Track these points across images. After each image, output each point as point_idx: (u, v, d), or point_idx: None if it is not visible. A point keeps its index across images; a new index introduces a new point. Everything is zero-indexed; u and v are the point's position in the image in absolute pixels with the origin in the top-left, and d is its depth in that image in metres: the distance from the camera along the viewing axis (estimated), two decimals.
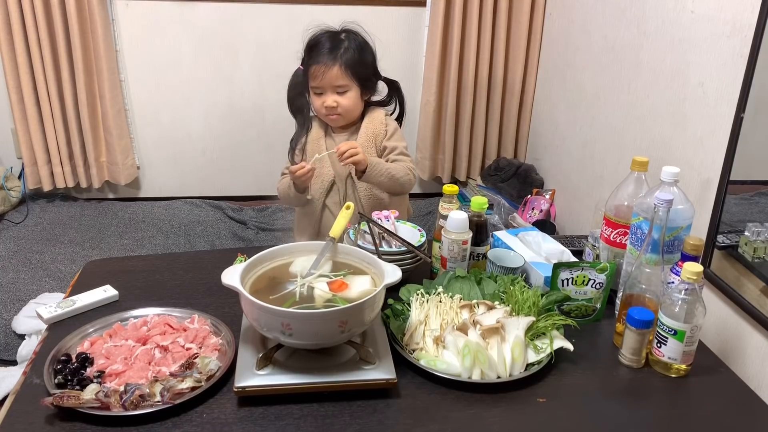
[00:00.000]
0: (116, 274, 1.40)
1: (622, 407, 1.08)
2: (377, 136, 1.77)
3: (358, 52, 1.70)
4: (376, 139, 1.77)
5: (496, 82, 2.94)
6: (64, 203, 2.92)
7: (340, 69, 1.66)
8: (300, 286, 1.12)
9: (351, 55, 1.68)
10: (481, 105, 2.98)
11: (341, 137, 1.79)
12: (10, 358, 2.02)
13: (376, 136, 1.77)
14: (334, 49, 1.68)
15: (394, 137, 1.79)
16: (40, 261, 2.41)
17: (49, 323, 1.22)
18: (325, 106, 1.71)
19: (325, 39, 1.70)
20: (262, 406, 1.02)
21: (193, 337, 1.13)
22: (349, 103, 1.71)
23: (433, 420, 1.01)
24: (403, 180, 1.72)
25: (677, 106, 1.73)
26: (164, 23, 2.79)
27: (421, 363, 1.10)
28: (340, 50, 1.68)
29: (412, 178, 1.76)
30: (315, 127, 1.80)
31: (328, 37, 1.71)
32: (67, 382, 1.02)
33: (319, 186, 1.78)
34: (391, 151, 1.77)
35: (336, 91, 1.69)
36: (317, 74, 1.68)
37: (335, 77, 1.67)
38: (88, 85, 2.72)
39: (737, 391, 1.14)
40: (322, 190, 1.78)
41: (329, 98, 1.70)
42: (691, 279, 1.09)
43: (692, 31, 1.66)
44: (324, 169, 1.77)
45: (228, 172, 3.10)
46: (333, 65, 1.66)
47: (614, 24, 2.16)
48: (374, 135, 1.77)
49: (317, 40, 1.71)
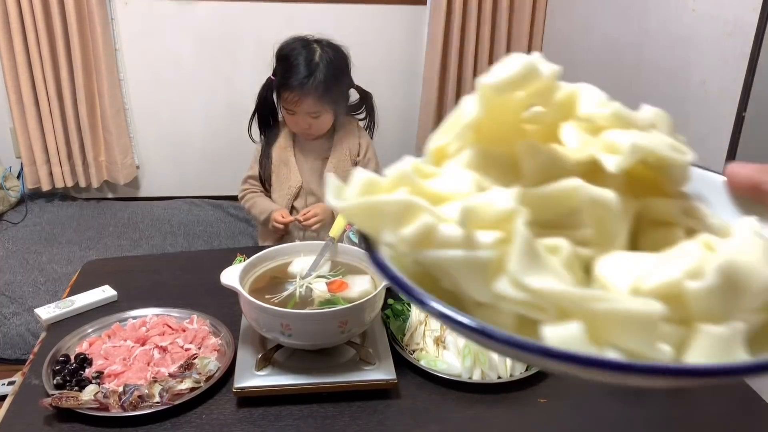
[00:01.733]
0: (115, 274, 1.39)
1: (624, 407, 1.07)
2: (352, 150, 1.77)
3: (333, 75, 1.62)
4: (351, 153, 1.77)
5: None
6: (62, 203, 2.91)
7: (314, 98, 1.60)
8: (299, 287, 1.12)
9: (325, 82, 1.60)
10: None
11: (310, 146, 1.78)
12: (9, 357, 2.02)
13: (350, 150, 1.77)
14: (308, 76, 1.59)
15: (366, 159, 1.79)
16: (38, 261, 2.41)
17: (48, 323, 1.21)
18: (299, 127, 1.69)
19: (299, 60, 1.61)
20: (262, 407, 1.01)
21: (192, 337, 1.13)
22: (322, 124, 1.69)
23: (434, 421, 1.01)
24: None
25: (678, 105, 1.72)
26: (164, 22, 2.78)
27: (421, 363, 1.10)
28: (313, 76, 1.59)
29: None
30: (283, 135, 1.78)
31: (302, 58, 1.61)
32: (65, 383, 1.01)
33: (286, 192, 1.77)
34: None
35: (309, 116, 1.65)
36: (290, 100, 1.62)
37: (309, 106, 1.62)
38: (87, 84, 2.72)
39: (740, 392, 1.13)
40: (289, 195, 1.77)
41: (302, 121, 1.66)
42: None
43: (693, 29, 1.66)
44: (291, 175, 1.76)
45: (228, 171, 3.09)
46: (307, 96, 1.60)
47: (615, 22, 2.16)
48: (349, 149, 1.76)
49: (290, 57, 1.64)
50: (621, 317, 0.26)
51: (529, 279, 0.27)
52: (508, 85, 0.33)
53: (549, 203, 0.30)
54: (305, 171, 1.77)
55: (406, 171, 0.32)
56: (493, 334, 0.26)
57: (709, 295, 0.26)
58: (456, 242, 0.28)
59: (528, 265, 0.27)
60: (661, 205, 0.33)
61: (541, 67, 0.33)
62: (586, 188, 0.30)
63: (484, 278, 0.28)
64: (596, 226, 0.30)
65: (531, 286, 0.26)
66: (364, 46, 2.84)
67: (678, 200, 0.33)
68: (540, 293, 0.26)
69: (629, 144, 0.30)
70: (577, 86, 0.35)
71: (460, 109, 0.35)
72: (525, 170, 0.32)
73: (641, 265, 0.29)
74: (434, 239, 0.28)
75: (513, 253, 0.27)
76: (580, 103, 0.33)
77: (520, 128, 0.34)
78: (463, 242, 0.28)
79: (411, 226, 0.28)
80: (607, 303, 0.26)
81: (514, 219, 0.28)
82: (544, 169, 0.32)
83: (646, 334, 0.26)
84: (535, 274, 0.27)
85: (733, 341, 0.26)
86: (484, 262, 0.27)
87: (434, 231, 0.28)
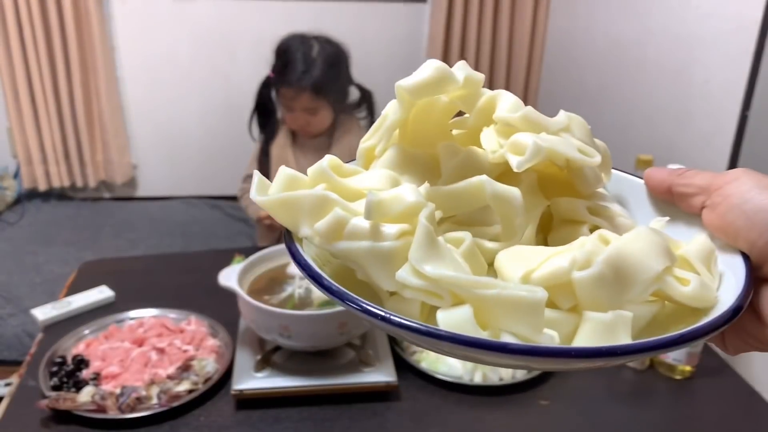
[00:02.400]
0: (112, 274, 1.39)
1: (626, 410, 1.06)
2: (352, 149, 1.75)
3: (330, 71, 1.62)
4: (351, 152, 1.75)
5: (498, 78, 2.93)
6: (59, 203, 2.90)
7: (311, 94, 1.60)
8: (298, 287, 1.11)
9: (322, 78, 1.60)
10: None
11: (310, 144, 1.77)
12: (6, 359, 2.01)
13: (351, 149, 1.75)
14: (305, 72, 1.59)
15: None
16: (35, 262, 2.39)
17: (44, 324, 1.20)
18: (297, 124, 1.69)
19: (297, 56, 1.61)
20: (260, 410, 1.00)
21: (190, 339, 1.12)
22: (320, 121, 1.69)
23: (435, 423, 1.00)
24: None
25: (682, 103, 1.72)
26: (161, 20, 2.77)
27: (422, 365, 1.09)
28: (310, 72, 1.59)
29: None
30: (282, 133, 1.78)
31: (300, 54, 1.61)
32: (62, 385, 1.00)
33: None
34: None
35: (307, 112, 1.65)
36: (287, 96, 1.63)
37: (306, 102, 1.62)
38: (84, 82, 2.70)
39: (743, 393, 1.12)
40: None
41: (300, 118, 1.66)
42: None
43: (697, 27, 1.65)
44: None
45: (226, 171, 3.07)
46: (303, 91, 1.60)
47: (618, 20, 2.15)
48: (349, 148, 1.75)
49: (287, 53, 1.64)
50: (508, 303, 0.27)
51: (426, 267, 0.28)
52: (421, 88, 0.34)
53: (459, 200, 0.33)
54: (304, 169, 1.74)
55: (324, 168, 0.34)
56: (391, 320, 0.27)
57: (595, 284, 0.28)
58: (363, 234, 0.30)
59: (426, 255, 0.28)
60: (568, 204, 0.35)
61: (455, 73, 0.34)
62: (492, 184, 0.31)
63: (389, 268, 0.29)
64: (502, 222, 0.32)
65: (428, 274, 0.28)
66: (364, 44, 2.83)
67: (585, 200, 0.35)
68: (435, 280, 0.28)
69: (531, 145, 0.32)
70: (496, 92, 0.36)
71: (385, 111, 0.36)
72: (443, 170, 0.34)
73: (536, 257, 0.30)
74: (345, 232, 0.30)
75: (413, 243, 0.29)
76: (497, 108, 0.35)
77: (446, 132, 0.36)
78: (370, 234, 0.30)
79: (324, 220, 0.30)
80: (495, 290, 0.28)
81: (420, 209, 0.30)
82: (461, 169, 0.34)
83: (532, 319, 0.27)
84: (432, 263, 0.28)
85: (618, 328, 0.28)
86: (388, 252, 0.29)
87: (345, 223, 0.30)
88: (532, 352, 0.26)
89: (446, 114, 0.36)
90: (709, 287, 0.30)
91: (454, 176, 0.34)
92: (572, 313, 0.29)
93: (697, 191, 0.34)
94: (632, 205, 0.37)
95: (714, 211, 0.33)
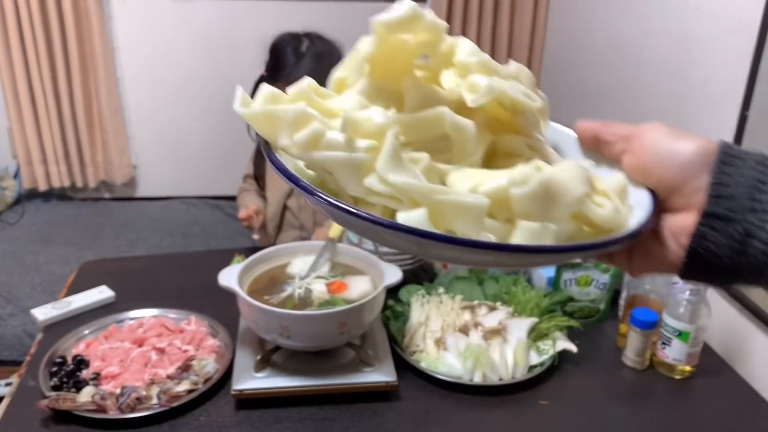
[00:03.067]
0: (112, 275, 1.39)
1: (626, 409, 1.07)
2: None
3: (320, 66, 1.59)
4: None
5: None
6: (59, 203, 2.90)
7: None
8: (298, 287, 1.11)
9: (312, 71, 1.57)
10: None
11: None
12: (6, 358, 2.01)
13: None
14: (294, 65, 1.59)
15: None
16: (35, 262, 2.40)
17: (44, 325, 1.20)
18: None
19: (287, 51, 1.61)
20: (260, 409, 1.00)
21: (190, 338, 1.12)
22: None
23: (434, 423, 1.00)
24: None
25: (681, 103, 1.71)
26: (161, 20, 2.77)
27: (421, 365, 1.09)
28: (298, 66, 1.59)
29: None
30: None
31: (290, 49, 1.61)
32: (62, 385, 1.01)
33: (279, 190, 1.76)
34: None
35: None
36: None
37: None
38: (84, 83, 2.71)
39: (742, 393, 1.13)
40: (281, 194, 1.76)
41: None
42: None
43: (696, 27, 1.65)
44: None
45: (226, 171, 3.07)
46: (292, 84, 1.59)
47: (617, 21, 2.15)
48: None
49: (278, 50, 1.64)
50: (457, 207, 0.33)
51: (391, 176, 0.33)
52: (395, 24, 0.38)
53: (420, 127, 0.37)
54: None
55: (304, 88, 0.38)
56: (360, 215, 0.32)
57: (529, 199, 0.33)
58: (338, 146, 0.34)
59: (391, 166, 0.34)
60: (511, 139, 0.40)
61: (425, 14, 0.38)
62: (450, 115, 0.37)
63: (359, 175, 0.34)
64: (455, 148, 0.37)
65: (392, 181, 0.33)
66: None
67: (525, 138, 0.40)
68: (398, 187, 0.33)
69: (485, 85, 0.37)
70: (456, 38, 0.41)
71: (359, 45, 0.40)
72: (407, 102, 0.39)
73: (481, 177, 0.36)
74: (321, 143, 0.34)
75: (381, 156, 0.34)
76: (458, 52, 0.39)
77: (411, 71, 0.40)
78: (344, 146, 0.34)
79: (303, 132, 0.35)
80: (447, 196, 0.33)
81: (387, 130, 0.34)
82: (422, 102, 0.38)
83: (476, 221, 0.33)
84: (396, 173, 0.33)
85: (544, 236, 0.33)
86: (359, 162, 0.34)
87: (322, 136, 0.34)
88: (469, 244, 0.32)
89: (412, 55, 0.40)
90: (621, 212, 0.36)
91: (416, 107, 0.38)
92: (507, 223, 0.34)
93: (619, 139, 0.40)
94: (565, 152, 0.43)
95: (632, 155, 0.39)
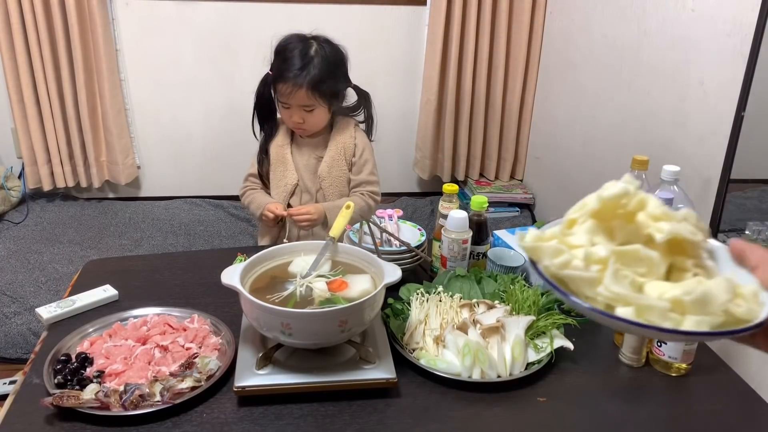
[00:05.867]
0: (116, 273, 1.40)
1: (623, 406, 1.07)
2: (347, 150, 1.78)
3: (327, 69, 1.65)
4: (346, 153, 1.78)
5: (496, 80, 2.94)
6: (64, 203, 2.92)
7: (307, 91, 1.62)
8: (300, 286, 1.12)
9: (319, 75, 1.63)
10: (481, 104, 2.98)
11: (307, 144, 1.79)
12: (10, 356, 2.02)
13: (345, 149, 1.78)
14: (302, 68, 1.62)
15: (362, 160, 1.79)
16: (40, 261, 2.41)
17: (49, 323, 1.22)
18: (292, 121, 1.70)
19: (295, 53, 1.64)
20: (262, 406, 1.01)
21: (192, 336, 1.13)
22: (316, 119, 1.71)
23: (434, 419, 1.01)
24: (362, 211, 1.73)
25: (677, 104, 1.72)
26: (164, 23, 2.79)
27: (421, 362, 1.10)
28: (307, 69, 1.62)
29: (372, 205, 1.79)
30: (281, 133, 1.80)
31: (298, 51, 1.64)
32: (66, 382, 1.02)
33: (282, 189, 1.78)
34: (357, 185, 1.79)
35: (303, 109, 1.67)
36: (284, 92, 1.65)
37: (302, 98, 1.64)
38: (88, 84, 2.72)
39: (738, 389, 1.14)
40: (285, 193, 1.78)
41: (296, 114, 1.68)
42: None
43: (692, 29, 1.66)
44: (287, 173, 1.77)
45: (228, 171, 3.09)
46: (300, 87, 1.62)
47: (614, 22, 2.16)
48: (344, 148, 1.77)
49: (286, 51, 1.67)
50: (651, 307, 0.52)
51: (612, 287, 0.53)
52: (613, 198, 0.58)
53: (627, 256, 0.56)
54: (301, 168, 1.78)
55: (556, 231, 0.59)
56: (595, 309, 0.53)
57: (693, 303, 0.52)
58: (580, 268, 0.55)
59: (612, 281, 0.54)
60: (683, 260, 0.58)
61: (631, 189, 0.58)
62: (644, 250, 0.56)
63: (592, 285, 0.54)
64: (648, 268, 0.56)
65: (614, 291, 0.53)
66: (364, 47, 2.85)
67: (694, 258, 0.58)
68: (617, 294, 0.53)
69: (667, 229, 0.56)
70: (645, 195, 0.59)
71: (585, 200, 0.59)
72: (617, 237, 0.58)
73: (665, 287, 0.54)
74: (570, 265, 0.55)
75: (606, 275, 0.54)
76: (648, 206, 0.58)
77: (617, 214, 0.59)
78: (584, 268, 0.55)
79: (559, 258, 0.55)
80: (644, 300, 0.53)
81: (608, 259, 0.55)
82: (627, 238, 0.58)
83: (661, 315, 0.52)
84: (615, 286, 0.53)
85: (703, 324, 0.52)
86: (593, 278, 0.54)
87: (570, 262, 0.55)
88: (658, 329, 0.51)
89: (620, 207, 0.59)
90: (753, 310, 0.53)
91: (623, 240, 0.58)
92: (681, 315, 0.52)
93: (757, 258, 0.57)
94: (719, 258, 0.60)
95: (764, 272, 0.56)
